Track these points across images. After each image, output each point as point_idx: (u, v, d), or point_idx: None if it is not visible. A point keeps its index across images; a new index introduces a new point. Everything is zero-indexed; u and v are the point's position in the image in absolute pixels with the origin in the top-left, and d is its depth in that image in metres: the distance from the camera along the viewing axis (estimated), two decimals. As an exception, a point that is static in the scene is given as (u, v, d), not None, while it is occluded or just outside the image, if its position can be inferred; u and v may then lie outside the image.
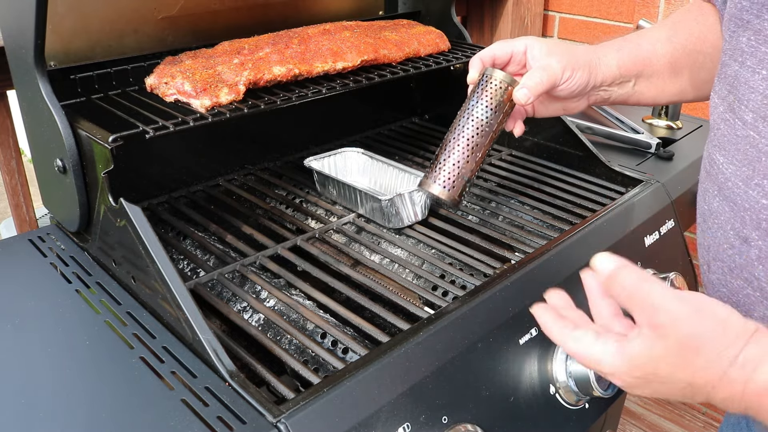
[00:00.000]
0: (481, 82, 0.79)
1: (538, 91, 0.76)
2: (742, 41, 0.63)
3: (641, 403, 2.09)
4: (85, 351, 0.71)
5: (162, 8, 0.98)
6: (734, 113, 0.63)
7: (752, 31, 0.61)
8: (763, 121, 0.59)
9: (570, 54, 0.78)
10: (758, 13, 0.60)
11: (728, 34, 0.66)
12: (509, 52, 0.81)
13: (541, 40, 0.80)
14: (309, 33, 1.02)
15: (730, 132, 0.64)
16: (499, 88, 0.78)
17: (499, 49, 0.81)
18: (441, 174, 0.78)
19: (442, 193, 0.78)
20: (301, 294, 0.84)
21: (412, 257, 0.92)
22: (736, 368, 0.48)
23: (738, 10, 0.63)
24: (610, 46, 0.82)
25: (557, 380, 0.77)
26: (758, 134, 0.60)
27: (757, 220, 0.60)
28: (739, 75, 0.62)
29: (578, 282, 0.85)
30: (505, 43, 0.81)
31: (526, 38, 0.81)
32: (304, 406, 0.59)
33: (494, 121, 0.78)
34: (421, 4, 1.32)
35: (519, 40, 0.81)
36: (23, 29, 0.75)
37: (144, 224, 0.72)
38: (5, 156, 1.06)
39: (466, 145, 0.78)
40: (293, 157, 1.22)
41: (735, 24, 0.64)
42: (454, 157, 0.78)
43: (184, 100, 0.84)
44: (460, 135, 0.78)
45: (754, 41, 0.61)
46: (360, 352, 0.70)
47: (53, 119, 0.78)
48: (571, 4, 1.90)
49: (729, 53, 0.65)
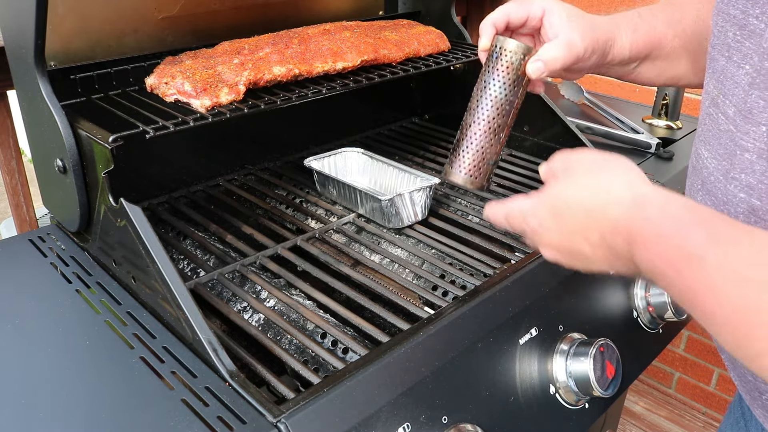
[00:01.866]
0: (494, 53, 0.72)
1: (554, 67, 0.71)
2: (728, 36, 0.62)
3: (641, 403, 2.09)
4: (85, 351, 0.71)
5: (162, 8, 0.98)
6: (718, 107, 0.63)
7: (737, 26, 0.61)
8: (742, 116, 0.59)
9: (592, 31, 0.73)
10: (743, 8, 0.60)
11: (717, 29, 0.66)
12: (524, 16, 0.74)
13: (560, 4, 0.73)
14: (309, 33, 1.02)
15: (713, 126, 0.64)
16: (515, 60, 0.71)
17: (514, 12, 0.74)
18: (464, 161, 0.74)
19: (468, 182, 0.74)
20: (301, 294, 0.84)
21: (412, 257, 0.92)
22: (630, 193, 0.53)
23: (725, 4, 0.63)
24: (626, 25, 0.77)
25: (557, 380, 0.77)
26: (736, 128, 0.60)
27: (735, 214, 0.61)
28: (725, 69, 0.63)
29: (578, 282, 0.86)
30: (519, 5, 0.74)
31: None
32: (304, 406, 0.59)
33: (513, 97, 0.72)
34: (421, 4, 1.32)
35: (536, 2, 0.73)
36: (23, 29, 0.75)
37: (144, 224, 0.72)
38: (5, 156, 1.06)
39: (488, 128, 0.72)
40: (293, 157, 1.22)
41: (722, 18, 0.64)
42: (477, 143, 0.73)
43: (184, 100, 0.84)
44: (479, 117, 0.73)
45: (740, 36, 0.61)
46: (360, 352, 0.70)
47: (53, 119, 0.78)
48: (571, 4, 1.90)
49: (717, 48, 0.65)
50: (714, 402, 2.01)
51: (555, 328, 0.80)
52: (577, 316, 0.83)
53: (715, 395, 2.00)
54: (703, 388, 2.02)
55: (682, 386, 2.08)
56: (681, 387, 2.08)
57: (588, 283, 0.86)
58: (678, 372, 2.07)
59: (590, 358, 0.76)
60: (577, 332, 0.81)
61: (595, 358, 0.76)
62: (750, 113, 0.58)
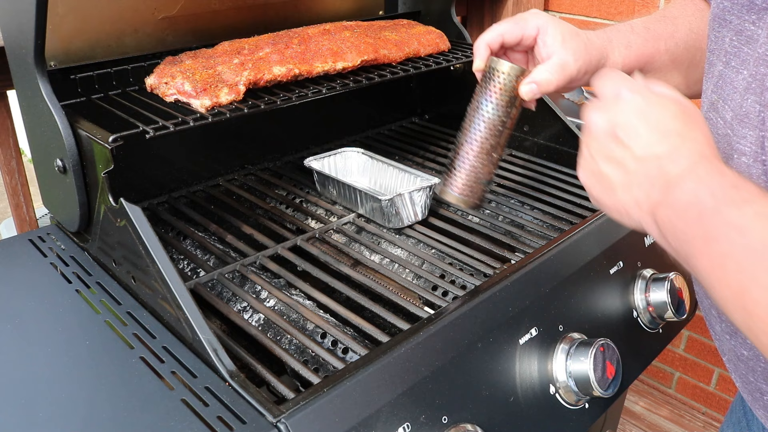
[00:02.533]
0: (487, 74, 0.73)
1: (547, 90, 0.71)
2: (725, 41, 0.63)
3: (641, 403, 2.09)
4: (85, 351, 0.71)
5: (162, 8, 0.98)
6: (717, 112, 0.64)
7: (734, 31, 0.61)
8: (738, 120, 0.60)
9: (586, 51, 0.73)
10: (739, 13, 0.61)
11: (713, 34, 0.66)
12: (519, 36, 0.73)
13: (554, 23, 0.73)
14: (309, 33, 1.02)
15: (713, 130, 0.64)
16: (508, 82, 0.71)
17: (509, 32, 0.73)
18: (457, 181, 0.75)
19: (460, 201, 0.75)
20: (301, 294, 0.84)
21: (412, 257, 0.92)
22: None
23: (720, 10, 0.63)
24: (619, 41, 0.77)
25: (557, 380, 0.77)
26: (733, 132, 0.60)
27: None
28: (724, 74, 0.63)
29: (578, 282, 0.86)
30: (514, 25, 0.73)
31: (537, 17, 0.73)
32: (304, 406, 0.59)
33: (506, 118, 0.73)
34: (421, 4, 1.32)
35: (530, 21, 0.73)
36: (23, 29, 0.75)
37: (144, 224, 0.72)
38: (5, 156, 1.06)
39: (480, 149, 0.73)
40: (293, 157, 1.22)
41: (719, 24, 0.64)
42: (470, 163, 0.74)
43: (184, 100, 0.84)
44: (472, 138, 0.74)
45: (737, 41, 0.61)
46: (360, 352, 0.70)
47: (53, 119, 0.78)
48: (571, 4, 1.90)
49: (716, 53, 0.65)
50: (714, 402, 2.01)
51: (555, 328, 0.80)
52: (577, 316, 0.83)
53: (715, 395, 2.00)
54: (703, 388, 2.02)
55: (682, 386, 2.08)
56: (681, 387, 2.08)
57: (588, 283, 0.86)
58: (678, 372, 2.07)
59: (590, 358, 0.76)
60: (577, 332, 0.81)
61: (595, 358, 0.76)
62: (746, 117, 0.58)
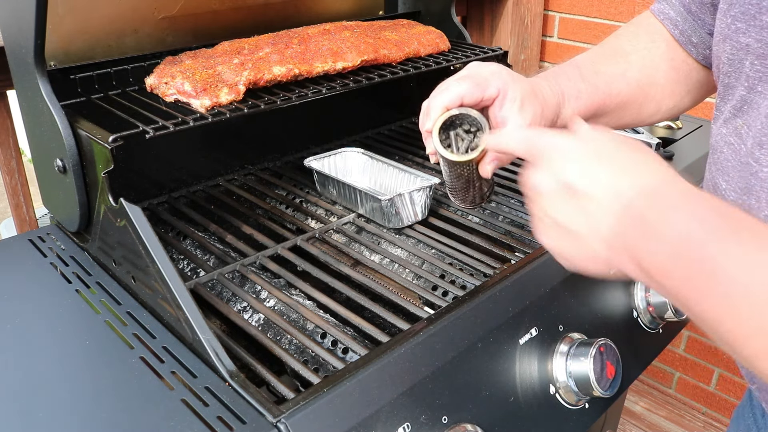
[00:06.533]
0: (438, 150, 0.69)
1: (505, 164, 0.71)
2: (745, 65, 0.61)
3: (641, 403, 2.09)
4: (85, 351, 0.71)
5: (162, 8, 0.98)
6: (740, 138, 0.62)
7: (755, 55, 0.59)
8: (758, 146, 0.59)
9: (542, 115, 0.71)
10: (758, 36, 0.58)
11: (727, 57, 0.64)
12: (479, 98, 0.69)
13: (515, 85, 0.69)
14: (309, 33, 1.02)
15: (734, 157, 0.63)
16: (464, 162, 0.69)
17: (469, 95, 0.68)
18: (454, 199, 0.78)
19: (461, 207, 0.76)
20: (301, 294, 0.84)
21: (412, 257, 0.92)
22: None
23: (732, 31, 0.61)
24: (570, 91, 0.75)
25: (557, 380, 0.77)
26: (756, 161, 0.59)
27: None
28: (748, 99, 0.61)
29: (578, 282, 0.86)
30: (475, 87, 0.68)
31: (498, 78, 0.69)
32: (304, 406, 0.59)
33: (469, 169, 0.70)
34: (421, 4, 1.32)
35: (492, 83, 0.69)
36: (23, 29, 0.75)
37: (144, 224, 0.72)
38: (5, 156, 1.07)
39: (455, 188, 0.75)
40: (293, 157, 1.22)
41: (732, 47, 0.62)
42: (456, 194, 0.77)
43: (184, 100, 0.84)
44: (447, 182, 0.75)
45: (759, 66, 0.59)
46: (360, 352, 0.70)
47: (53, 119, 0.78)
48: (571, 4, 1.90)
49: (733, 77, 0.63)
50: (714, 402, 2.01)
51: (555, 328, 0.80)
52: (577, 316, 0.83)
53: (715, 395, 2.00)
54: (704, 388, 2.02)
55: (682, 386, 2.08)
56: (681, 387, 2.08)
57: (588, 283, 0.86)
58: (678, 372, 2.07)
59: (590, 358, 0.75)
60: (577, 332, 0.81)
61: (595, 358, 0.76)
62: None
